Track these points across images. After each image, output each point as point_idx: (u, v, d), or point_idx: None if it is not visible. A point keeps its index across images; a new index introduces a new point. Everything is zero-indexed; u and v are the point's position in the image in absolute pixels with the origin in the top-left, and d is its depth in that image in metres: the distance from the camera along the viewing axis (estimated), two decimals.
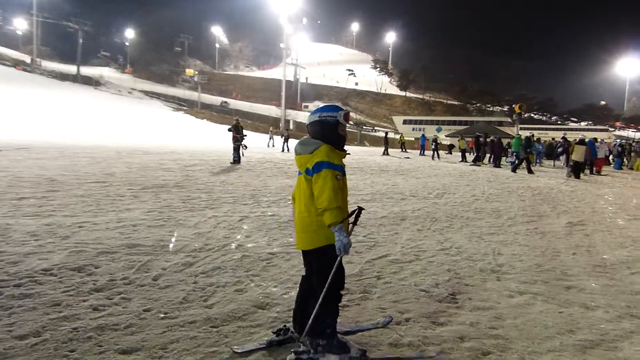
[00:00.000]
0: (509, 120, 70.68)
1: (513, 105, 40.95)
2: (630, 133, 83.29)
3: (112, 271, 4.66)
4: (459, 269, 5.36)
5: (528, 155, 20.02)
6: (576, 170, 17.90)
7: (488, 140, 26.01)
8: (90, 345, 3.17)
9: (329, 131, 3.14)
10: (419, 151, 34.37)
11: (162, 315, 3.72)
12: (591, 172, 20.45)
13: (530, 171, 19.29)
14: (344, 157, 3.17)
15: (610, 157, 26.71)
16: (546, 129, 77.72)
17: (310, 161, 3.01)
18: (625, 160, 26.10)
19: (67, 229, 6.24)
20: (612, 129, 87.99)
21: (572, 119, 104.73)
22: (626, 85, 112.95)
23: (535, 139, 22.19)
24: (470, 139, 34.40)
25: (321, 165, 2.95)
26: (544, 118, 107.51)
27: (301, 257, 5.53)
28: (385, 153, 30.91)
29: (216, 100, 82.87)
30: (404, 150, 35.86)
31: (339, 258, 3.00)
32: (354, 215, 3.21)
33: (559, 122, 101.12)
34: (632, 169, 24.98)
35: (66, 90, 63.56)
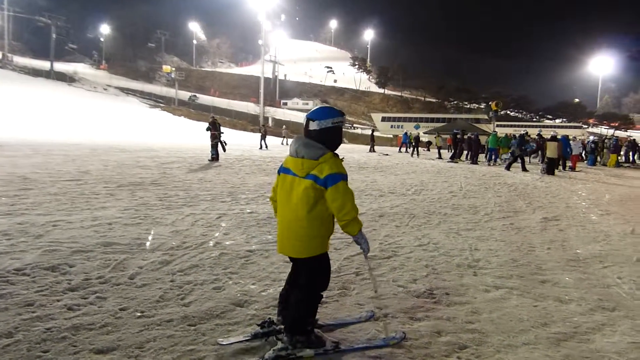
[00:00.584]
0: (486, 117, 71.60)
1: (490, 103, 41.44)
2: (602, 130, 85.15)
3: (87, 270, 4.58)
4: (436, 265, 5.42)
5: (523, 152, 20.09)
6: (550, 166, 18.20)
7: (465, 137, 26.32)
8: (65, 345, 3.11)
9: (338, 138, 3.13)
10: (397, 148, 34.57)
11: (139, 314, 3.68)
12: (564, 168, 20.85)
13: (524, 169, 19.31)
14: None
15: (583, 154, 27.27)
16: (522, 126, 78.92)
17: (318, 170, 2.88)
18: (598, 157, 26.67)
19: (41, 228, 6.12)
20: (586, 126, 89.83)
21: (548, 116, 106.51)
22: (599, 83, 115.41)
23: (528, 137, 22.47)
24: (447, 136, 34.66)
25: (337, 178, 2.88)
26: (520, 115, 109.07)
27: (280, 254, 5.54)
28: (372, 150, 31.21)
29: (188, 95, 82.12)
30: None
31: (367, 262, 3.55)
32: None
33: (534, 120, 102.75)
34: (605, 165, 25.57)
35: (39, 87, 62.09)
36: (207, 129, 18.38)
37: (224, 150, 18.75)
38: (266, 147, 27.99)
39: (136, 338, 3.27)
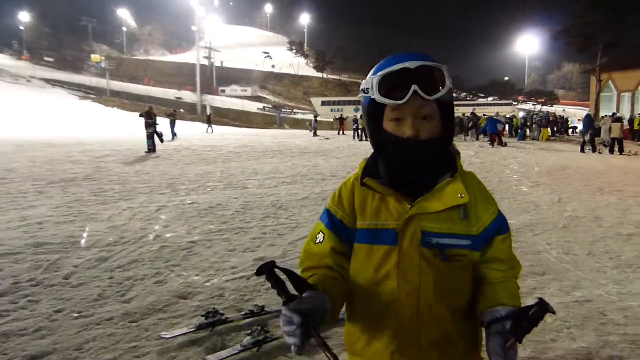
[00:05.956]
0: None
1: None
2: (530, 106, 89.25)
3: (16, 273, 4.33)
4: None
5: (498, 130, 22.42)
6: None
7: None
8: None
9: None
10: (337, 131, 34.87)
11: (76, 314, 3.52)
12: (492, 145, 21.74)
13: (502, 144, 21.77)
14: None
15: (508, 129, 28.75)
16: (456, 105, 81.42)
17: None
18: (527, 131, 27.99)
19: None
20: (516, 103, 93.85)
21: (480, 94, 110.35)
22: (526, 62, 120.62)
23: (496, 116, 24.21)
24: None
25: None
26: (455, 95, 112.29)
27: (224, 242, 5.47)
28: (341, 133, 32.42)
29: (127, 87, 78.84)
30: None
31: None
32: None
33: (467, 98, 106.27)
34: (534, 139, 26.84)
35: None
36: (140, 115, 17.68)
37: (161, 141, 18.19)
38: (175, 136, 25.26)
39: (74, 340, 3.14)
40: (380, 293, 1.26)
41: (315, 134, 31.51)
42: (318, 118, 37.19)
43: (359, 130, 28.58)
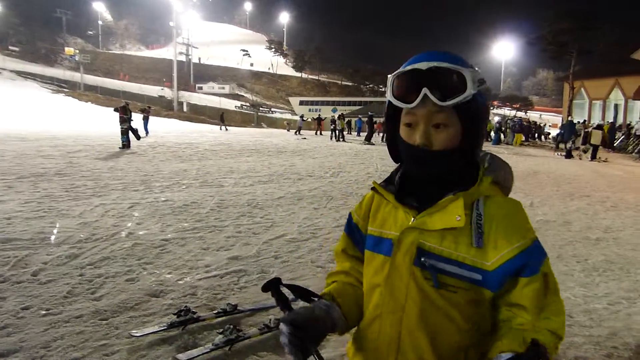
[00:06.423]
0: None
1: None
2: (506, 111, 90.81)
3: None
4: None
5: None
6: None
7: (381, 120, 27.09)
8: None
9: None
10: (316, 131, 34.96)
11: (44, 312, 3.46)
12: None
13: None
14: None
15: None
16: None
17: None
18: (502, 136, 28.47)
19: None
20: (492, 108, 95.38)
21: None
22: (502, 67, 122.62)
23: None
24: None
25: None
26: None
27: (198, 241, 5.43)
28: (319, 133, 33.12)
29: (102, 81, 77.34)
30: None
31: None
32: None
33: None
34: (508, 144, 27.32)
35: None
36: (115, 110, 17.39)
37: (138, 138, 17.94)
38: (147, 133, 24.26)
39: (41, 337, 3.08)
40: (367, 305, 1.19)
41: (299, 133, 32.05)
42: (304, 117, 37.56)
43: (337, 131, 28.68)
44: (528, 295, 1.04)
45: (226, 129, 34.99)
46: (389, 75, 1.14)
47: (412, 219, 1.12)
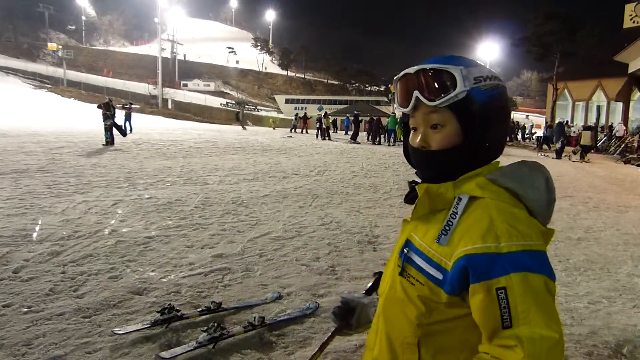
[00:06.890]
0: (386, 99, 74.08)
1: (389, 86, 43.07)
2: None
3: None
4: (338, 243, 5.58)
5: None
6: None
7: (367, 119, 27.29)
8: None
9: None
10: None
11: (25, 309, 3.42)
12: None
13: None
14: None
15: None
16: None
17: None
18: None
19: None
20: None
21: None
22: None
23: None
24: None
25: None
26: None
27: (182, 238, 5.41)
28: (305, 132, 33.62)
29: (85, 77, 76.29)
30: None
31: None
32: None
33: None
34: None
35: None
36: (98, 107, 17.20)
37: (124, 135, 17.77)
38: (131, 130, 23.35)
39: (23, 335, 3.05)
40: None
41: (294, 131, 32.52)
42: (298, 116, 37.67)
43: (322, 129, 28.77)
44: (475, 310, 0.94)
45: (244, 128, 36.20)
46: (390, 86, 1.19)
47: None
